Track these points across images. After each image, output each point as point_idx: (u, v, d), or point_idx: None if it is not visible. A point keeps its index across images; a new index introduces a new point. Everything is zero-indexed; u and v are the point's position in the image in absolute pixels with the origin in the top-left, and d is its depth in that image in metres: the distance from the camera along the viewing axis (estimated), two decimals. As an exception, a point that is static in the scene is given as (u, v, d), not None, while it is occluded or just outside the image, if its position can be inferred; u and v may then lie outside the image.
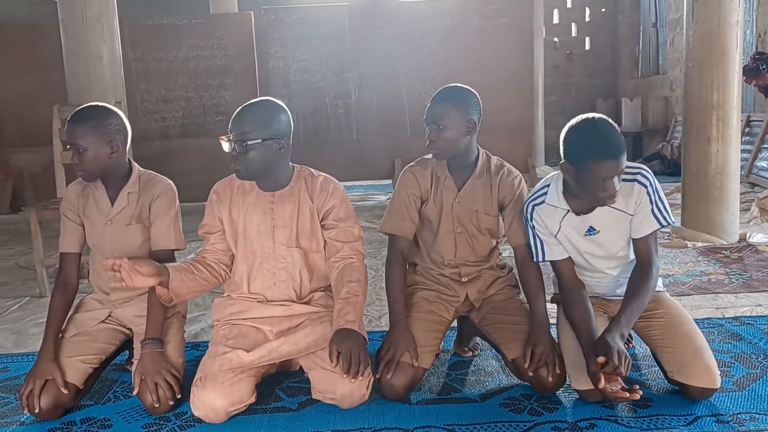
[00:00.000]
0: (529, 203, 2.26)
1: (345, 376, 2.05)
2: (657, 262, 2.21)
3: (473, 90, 2.32)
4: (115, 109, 2.34)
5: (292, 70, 7.09)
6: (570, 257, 2.26)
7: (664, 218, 2.16)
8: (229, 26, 7.07)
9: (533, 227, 2.25)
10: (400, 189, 2.40)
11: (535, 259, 2.29)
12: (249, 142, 2.12)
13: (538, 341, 2.20)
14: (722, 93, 4.32)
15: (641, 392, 1.97)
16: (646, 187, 2.14)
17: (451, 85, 2.33)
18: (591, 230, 2.21)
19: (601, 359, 1.96)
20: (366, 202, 7.09)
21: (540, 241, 2.25)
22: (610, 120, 2.07)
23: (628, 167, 2.11)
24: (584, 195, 2.10)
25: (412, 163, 2.44)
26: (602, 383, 1.96)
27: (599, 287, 2.34)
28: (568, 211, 2.20)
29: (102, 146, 2.24)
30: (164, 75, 7.01)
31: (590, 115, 2.09)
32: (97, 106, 2.34)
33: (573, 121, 2.09)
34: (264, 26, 7.03)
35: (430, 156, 2.39)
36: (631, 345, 2.55)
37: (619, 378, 1.99)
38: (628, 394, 1.94)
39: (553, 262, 2.28)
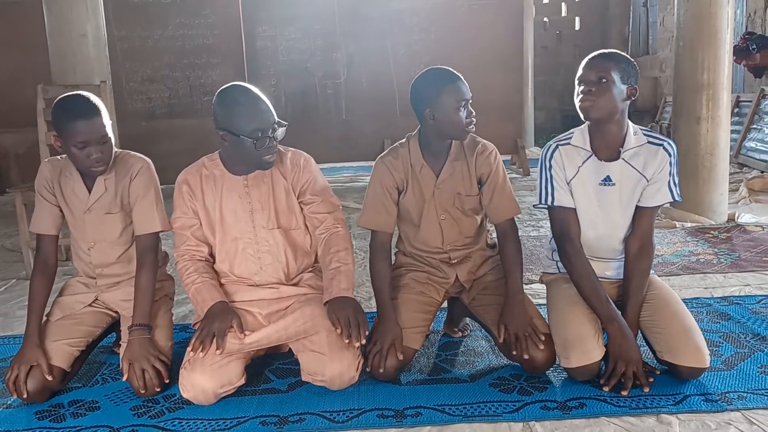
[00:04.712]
0: (552, 143, 2.28)
1: (348, 342, 2.08)
2: (654, 239, 2.27)
3: None
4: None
5: (280, 50, 7.02)
6: (575, 210, 2.26)
7: (678, 194, 2.22)
8: (215, 4, 6.94)
9: (550, 167, 2.25)
10: (374, 182, 2.35)
11: (541, 202, 2.27)
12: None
13: (510, 316, 2.21)
14: (712, 73, 4.32)
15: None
16: (670, 156, 2.19)
17: (440, 66, 2.28)
18: (607, 180, 2.22)
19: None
20: (355, 184, 7.06)
21: (552, 186, 2.25)
22: None
23: (655, 136, 2.22)
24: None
25: (383, 153, 2.38)
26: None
27: (596, 264, 2.32)
28: (591, 155, 2.22)
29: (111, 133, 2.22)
30: (150, 54, 6.91)
31: None
32: (89, 95, 2.21)
33: None
34: (251, 5, 6.93)
35: (400, 144, 2.35)
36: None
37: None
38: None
39: (558, 210, 2.26)
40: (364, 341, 2.11)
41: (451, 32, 6.90)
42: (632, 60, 2.19)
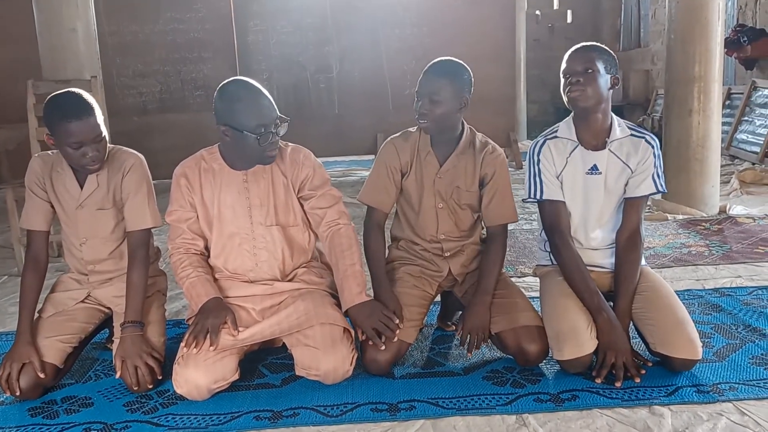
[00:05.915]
0: (540, 138, 2.33)
1: (383, 348, 2.14)
2: (643, 231, 2.30)
3: (467, 66, 2.29)
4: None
5: (272, 44, 6.99)
6: (564, 203, 2.29)
7: (661, 185, 2.27)
8: (206, -2, 6.91)
9: (538, 161, 2.29)
10: (379, 161, 2.38)
11: (530, 196, 2.31)
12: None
13: (472, 315, 2.24)
14: (704, 65, 4.33)
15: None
16: (653, 147, 2.26)
17: (447, 58, 2.29)
18: (594, 169, 2.27)
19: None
20: (348, 178, 7.04)
21: (540, 180, 2.29)
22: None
23: (637, 129, 2.31)
24: None
25: (395, 135, 2.41)
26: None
27: (589, 253, 2.34)
28: (578, 145, 2.27)
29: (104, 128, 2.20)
30: (141, 49, 6.85)
31: None
32: (81, 93, 2.17)
33: None
34: (243, -2, 6.90)
35: (414, 129, 2.37)
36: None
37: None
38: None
39: (548, 203, 2.29)
40: (399, 330, 2.16)
41: (443, 26, 6.90)
42: (611, 52, 2.28)
